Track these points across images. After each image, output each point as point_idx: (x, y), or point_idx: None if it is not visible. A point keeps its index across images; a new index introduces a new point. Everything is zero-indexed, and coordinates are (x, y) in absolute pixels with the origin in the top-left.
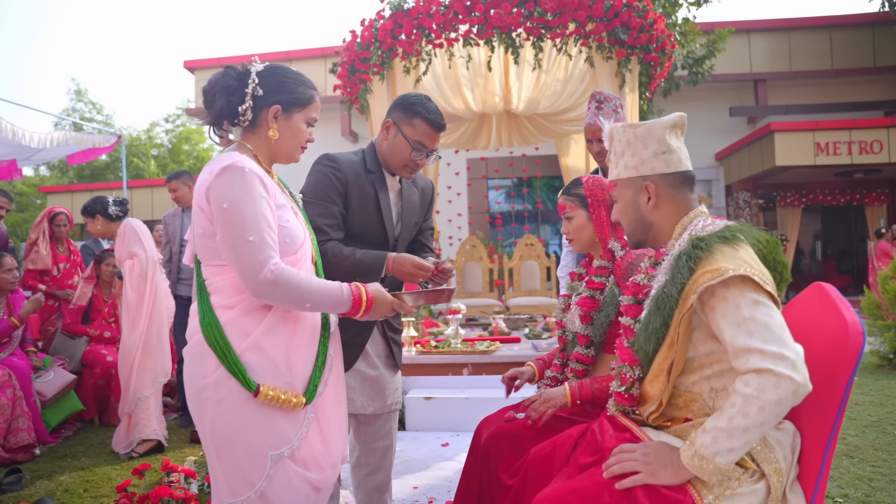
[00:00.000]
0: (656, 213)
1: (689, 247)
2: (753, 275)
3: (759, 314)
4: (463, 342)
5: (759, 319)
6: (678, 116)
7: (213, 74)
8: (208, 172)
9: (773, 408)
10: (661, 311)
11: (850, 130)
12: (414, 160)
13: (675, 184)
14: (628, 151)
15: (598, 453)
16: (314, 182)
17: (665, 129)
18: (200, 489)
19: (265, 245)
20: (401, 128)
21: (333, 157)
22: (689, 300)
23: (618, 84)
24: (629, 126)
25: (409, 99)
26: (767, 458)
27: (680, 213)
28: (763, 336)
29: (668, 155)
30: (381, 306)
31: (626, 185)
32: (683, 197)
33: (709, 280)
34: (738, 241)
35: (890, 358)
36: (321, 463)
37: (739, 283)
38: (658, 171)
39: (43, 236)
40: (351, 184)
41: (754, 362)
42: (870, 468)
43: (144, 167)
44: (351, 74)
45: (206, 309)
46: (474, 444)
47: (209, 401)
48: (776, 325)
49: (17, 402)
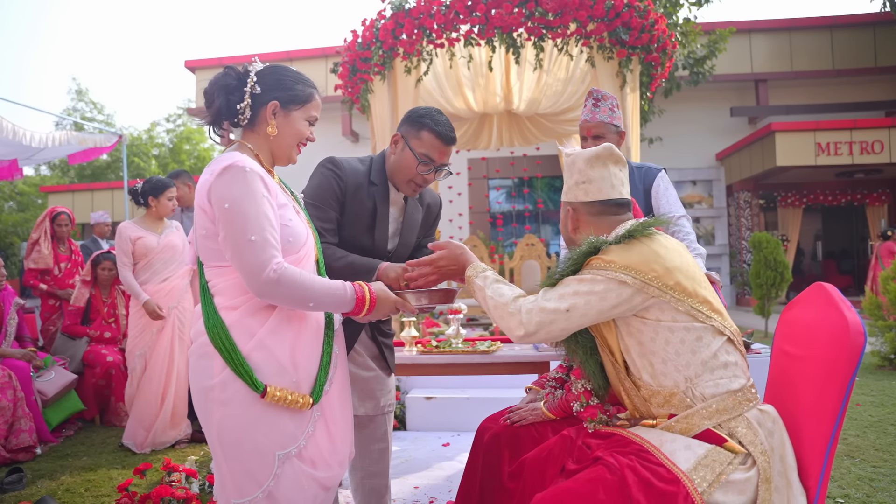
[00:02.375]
0: (578, 236)
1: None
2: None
3: (583, 290)
4: (464, 342)
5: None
6: (601, 149)
7: (214, 75)
8: (209, 173)
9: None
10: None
11: (850, 131)
12: (420, 174)
13: (593, 212)
14: (566, 175)
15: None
16: (315, 184)
17: (586, 161)
18: (202, 489)
19: (267, 244)
20: (408, 141)
21: (338, 162)
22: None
23: (619, 84)
24: (573, 154)
25: (419, 111)
26: (753, 441)
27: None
28: (558, 302)
29: (587, 185)
30: (384, 305)
31: (562, 206)
32: (606, 223)
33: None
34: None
35: (891, 358)
36: (328, 461)
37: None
38: (579, 198)
39: (44, 236)
40: (350, 193)
41: (530, 300)
42: (871, 468)
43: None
44: (352, 74)
45: (210, 310)
46: (476, 443)
47: (216, 401)
48: (576, 313)
49: (18, 402)
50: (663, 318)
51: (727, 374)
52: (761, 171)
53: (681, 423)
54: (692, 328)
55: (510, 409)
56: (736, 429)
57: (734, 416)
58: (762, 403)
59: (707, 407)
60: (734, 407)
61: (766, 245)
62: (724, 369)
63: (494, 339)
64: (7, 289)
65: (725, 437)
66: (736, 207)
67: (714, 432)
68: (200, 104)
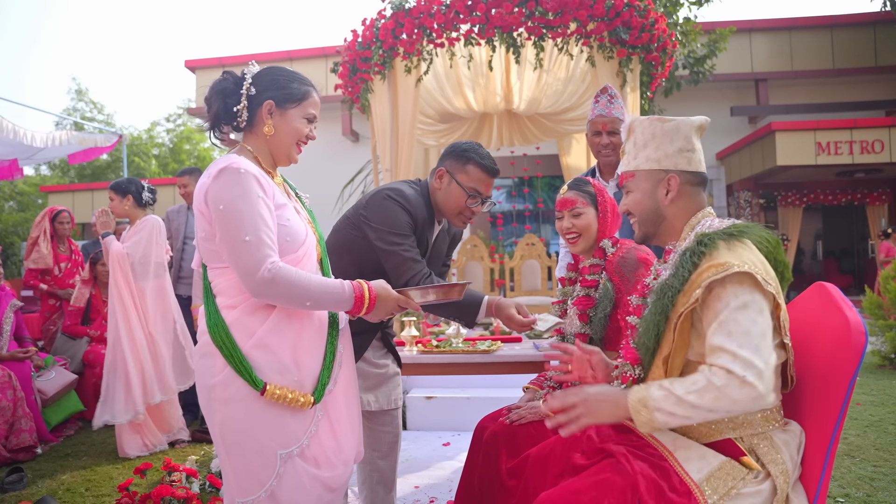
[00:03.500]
0: (672, 208)
1: (695, 243)
2: (756, 272)
3: (743, 317)
4: (464, 341)
5: (741, 322)
6: (704, 119)
7: (213, 80)
8: (206, 176)
9: (727, 405)
10: (662, 300)
11: (851, 130)
12: (469, 207)
13: (693, 182)
14: (652, 144)
15: (596, 456)
16: (395, 219)
17: (692, 129)
18: (202, 488)
19: (262, 244)
20: (454, 175)
21: (408, 198)
22: (693, 294)
23: (619, 84)
24: (657, 119)
25: (462, 146)
26: (774, 460)
27: (691, 212)
28: (740, 340)
29: (691, 154)
30: (386, 303)
31: (645, 176)
32: (698, 196)
33: (713, 275)
34: (743, 239)
35: (891, 358)
36: (333, 461)
37: (737, 281)
38: (681, 167)
39: (44, 235)
40: (419, 228)
41: (723, 361)
42: (871, 468)
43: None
44: (352, 74)
45: (212, 310)
46: (474, 442)
47: (218, 400)
48: (756, 333)
49: (19, 402)
50: None
51: None
52: (761, 170)
53: (702, 426)
54: None
55: (508, 409)
56: (758, 445)
57: (758, 432)
58: (788, 422)
59: (733, 417)
60: (760, 423)
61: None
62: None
63: (494, 338)
64: (3, 289)
65: (744, 452)
66: (736, 207)
67: (734, 444)
68: (200, 104)
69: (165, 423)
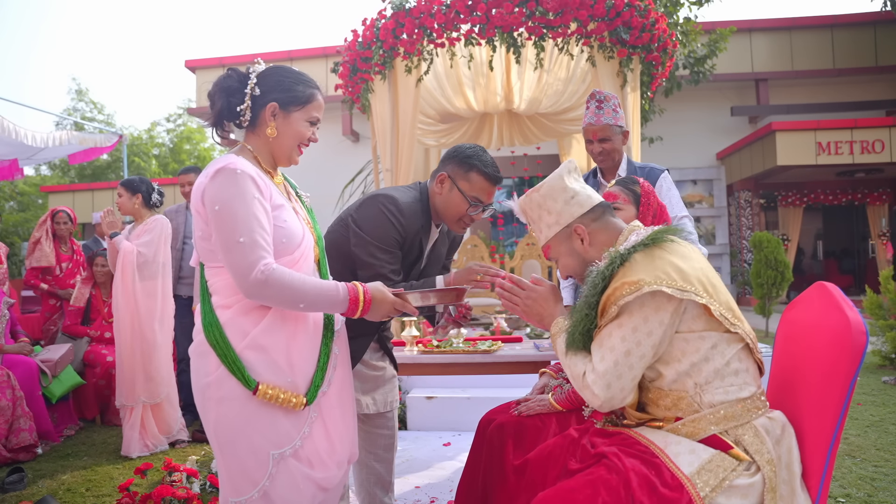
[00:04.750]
0: (594, 250)
1: (605, 263)
2: (668, 286)
3: (629, 334)
4: (465, 342)
5: (627, 339)
6: (567, 163)
7: (215, 78)
8: (204, 176)
9: (578, 390)
10: (580, 325)
11: (851, 130)
12: (470, 215)
13: (596, 217)
14: (542, 213)
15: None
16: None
17: (562, 178)
18: (202, 488)
19: (256, 246)
20: (456, 182)
21: (401, 208)
22: (609, 311)
23: (619, 84)
24: (532, 192)
25: (465, 151)
26: (759, 450)
27: (613, 240)
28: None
29: (576, 197)
30: (382, 306)
31: (557, 241)
32: (609, 224)
33: (626, 294)
34: (662, 243)
35: (892, 358)
36: (326, 462)
37: (648, 299)
38: (576, 214)
39: (46, 235)
40: (409, 239)
41: (588, 371)
42: (872, 468)
43: (146, 166)
44: (352, 74)
45: (207, 309)
46: (478, 436)
47: (212, 399)
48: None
49: (18, 402)
50: (694, 327)
51: (738, 381)
52: (762, 170)
53: (687, 427)
54: (707, 337)
55: (517, 402)
56: (742, 436)
57: (741, 423)
58: (771, 410)
59: (715, 412)
60: (742, 414)
61: (766, 244)
62: (735, 376)
63: (495, 338)
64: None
65: (731, 444)
66: (736, 207)
67: (720, 438)
68: (201, 104)
69: (165, 423)
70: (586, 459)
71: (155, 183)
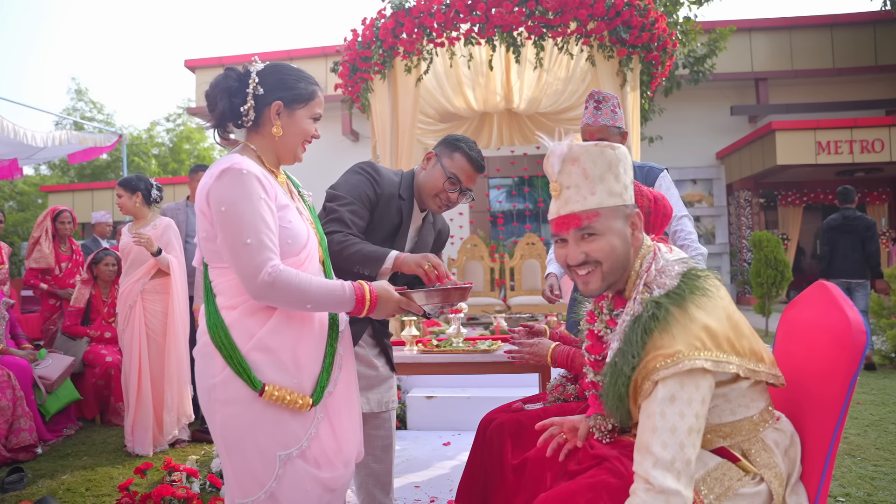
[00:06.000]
0: (634, 249)
1: (645, 312)
2: (707, 359)
3: (671, 410)
4: (464, 341)
5: (668, 416)
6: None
7: (214, 77)
8: (209, 176)
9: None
10: (615, 387)
11: (851, 129)
12: (446, 191)
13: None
14: (610, 175)
15: (588, 462)
16: (353, 183)
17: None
18: (202, 488)
19: (263, 247)
20: (441, 159)
21: (377, 169)
22: (644, 386)
23: (619, 83)
24: (607, 146)
25: (455, 136)
26: (767, 464)
27: (638, 248)
28: (664, 439)
29: (631, 187)
30: (387, 305)
31: (612, 214)
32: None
33: (661, 368)
34: (695, 296)
35: (892, 357)
36: (333, 462)
37: (684, 375)
38: (632, 200)
39: (45, 235)
40: (383, 201)
41: (645, 468)
42: (872, 467)
43: (145, 166)
44: (352, 73)
45: (212, 310)
46: (479, 436)
47: (218, 400)
48: (682, 429)
49: (18, 402)
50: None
51: (745, 401)
52: (762, 169)
53: None
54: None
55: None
56: (749, 450)
57: (749, 437)
58: (778, 421)
59: (721, 428)
60: (749, 430)
61: (766, 244)
62: (743, 398)
63: (495, 338)
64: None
65: (738, 457)
66: (736, 206)
67: (727, 450)
68: (200, 104)
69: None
70: (585, 461)
71: (152, 180)
